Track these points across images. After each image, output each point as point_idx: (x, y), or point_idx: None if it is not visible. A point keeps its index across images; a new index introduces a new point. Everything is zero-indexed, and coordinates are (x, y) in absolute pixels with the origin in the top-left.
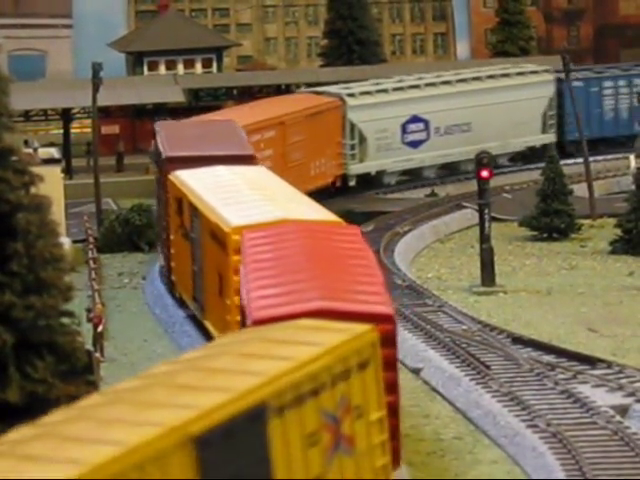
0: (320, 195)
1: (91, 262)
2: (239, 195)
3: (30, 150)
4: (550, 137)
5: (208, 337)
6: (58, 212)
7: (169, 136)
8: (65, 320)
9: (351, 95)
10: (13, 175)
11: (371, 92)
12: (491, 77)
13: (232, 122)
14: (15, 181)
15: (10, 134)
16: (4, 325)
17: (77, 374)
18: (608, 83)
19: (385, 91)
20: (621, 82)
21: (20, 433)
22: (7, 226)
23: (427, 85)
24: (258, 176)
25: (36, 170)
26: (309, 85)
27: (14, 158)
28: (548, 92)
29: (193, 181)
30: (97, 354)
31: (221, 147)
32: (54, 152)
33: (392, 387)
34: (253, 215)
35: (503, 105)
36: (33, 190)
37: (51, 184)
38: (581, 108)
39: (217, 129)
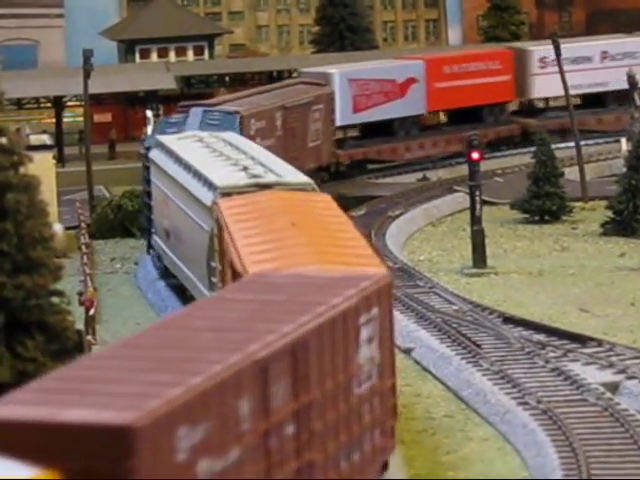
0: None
1: (83, 247)
2: None
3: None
4: None
5: None
6: (50, 198)
7: None
8: (55, 300)
9: None
10: (2, 155)
11: None
12: None
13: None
14: (4, 161)
15: None
16: None
17: (67, 353)
18: None
19: None
20: None
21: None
22: None
23: None
24: None
25: (25, 152)
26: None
27: (3, 139)
28: None
29: None
30: (89, 337)
31: None
32: (46, 139)
33: None
34: None
35: None
36: (22, 170)
37: (43, 170)
38: None
39: None
